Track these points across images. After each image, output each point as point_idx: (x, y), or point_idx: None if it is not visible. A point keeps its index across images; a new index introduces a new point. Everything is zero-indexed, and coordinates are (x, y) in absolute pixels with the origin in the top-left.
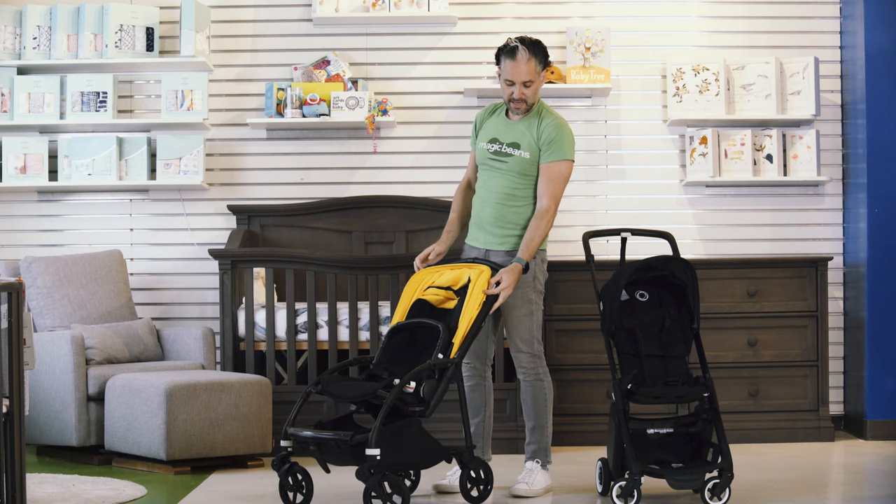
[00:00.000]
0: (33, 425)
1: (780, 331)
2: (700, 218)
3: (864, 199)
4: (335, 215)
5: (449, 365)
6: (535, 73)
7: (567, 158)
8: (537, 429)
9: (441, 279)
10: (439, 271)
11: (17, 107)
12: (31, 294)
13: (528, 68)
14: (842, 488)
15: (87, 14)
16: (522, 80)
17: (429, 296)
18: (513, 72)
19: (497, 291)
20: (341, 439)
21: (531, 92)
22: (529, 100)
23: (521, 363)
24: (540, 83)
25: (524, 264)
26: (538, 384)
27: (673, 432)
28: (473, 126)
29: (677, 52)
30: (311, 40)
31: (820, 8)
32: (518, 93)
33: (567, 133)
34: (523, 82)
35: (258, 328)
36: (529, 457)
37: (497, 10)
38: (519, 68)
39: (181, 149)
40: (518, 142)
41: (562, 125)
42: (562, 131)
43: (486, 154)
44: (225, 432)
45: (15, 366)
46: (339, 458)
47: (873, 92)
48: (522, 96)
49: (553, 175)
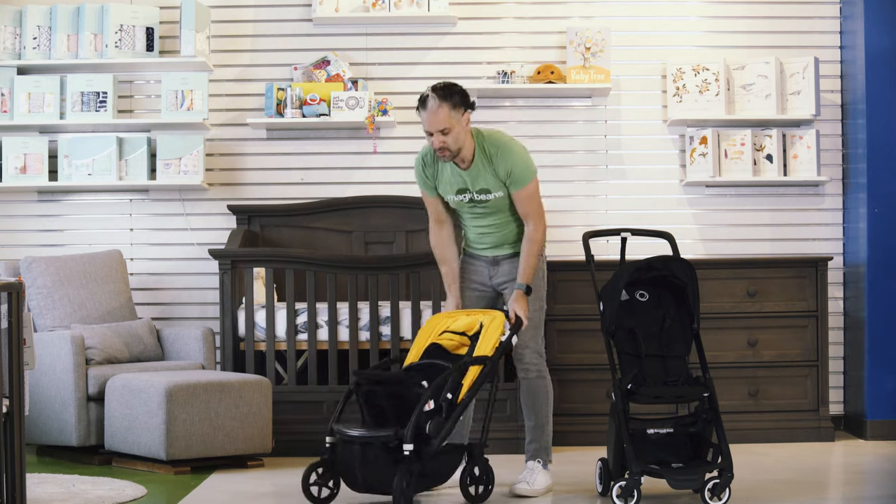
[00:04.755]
0: (33, 425)
1: (780, 331)
2: (700, 218)
3: (864, 199)
4: (335, 215)
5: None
6: (449, 118)
7: (532, 178)
8: (538, 428)
9: (456, 324)
10: (454, 316)
11: (17, 107)
12: (31, 294)
13: (440, 116)
14: (842, 488)
15: (87, 14)
16: (438, 128)
17: (443, 340)
18: (428, 122)
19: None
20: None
21: (451, 139)
22: (452, 146)
23: (526, 360)
24: (461, 128)
25: (525, 288)
26: (541, 382)
27: (673, 432)
28: (420, 177)
29: (677, 52)
30: (311, 40)
31: (820, 8)
32: (437, 142)
33: (518, 153)
34: (440, 130)
35: (258, 328)
36: (530, 456)
37: (497, 10)
38: (431, 118)
39: (181, 149)
40: (486, 187)
41: (510, 150)
42: (514, 156)
43: (463, 203)
44: (225, 432)
45: (15, 366)
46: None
47: (873, 92)
48: (442, 144)
49: (527, 197)
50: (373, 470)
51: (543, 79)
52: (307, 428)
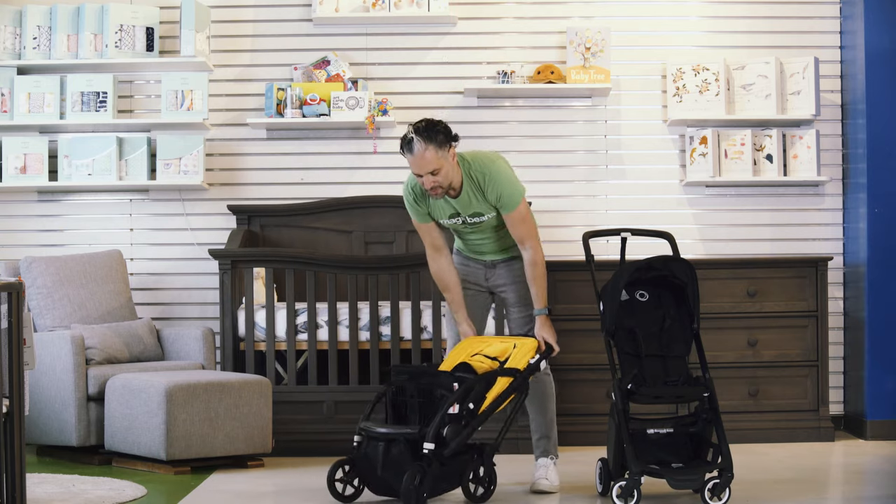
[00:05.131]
0: (33, 425)
1: (780, 331)
2: (700, 218)
3: (864, 199)
4: (335, 215)
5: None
6: (437, 159)
7: (521, 199)
8: (548, 424)
9: (490, 349)
10: (488, 342)
11: (17, 107)
12: (31, 294)
13: (427, 158)
14: (842, 488)
15: (87, 14)
16: (427, 170)
17: (475, 362)
18: (416, 165)
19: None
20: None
21: (442, 177)
22: (443, 184)
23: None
24: (449, 164)
25: (546, 311)
26: (547, 379)
27: (673, 432)
28: (412, 207)
29: (677, 52)
30: (311, 40)
31: (820, 8)
32: (428, 182)
33: (505, 176)
34: (430, 172)
35: (258, 328)
36: (542, 453)
37: (497, 10)
38: (419, 161)
39: (181, 149)
40: (478, 211)
41: (497, 174)
42: (501, 181)
43: (458, 225)
44: (225, 432)
45: (15, 366)
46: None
47: (873, 92)
48: (434, 184)
49: (519, 219)
50: (392, 468)
51: (543, 79)
52: (307, 428)
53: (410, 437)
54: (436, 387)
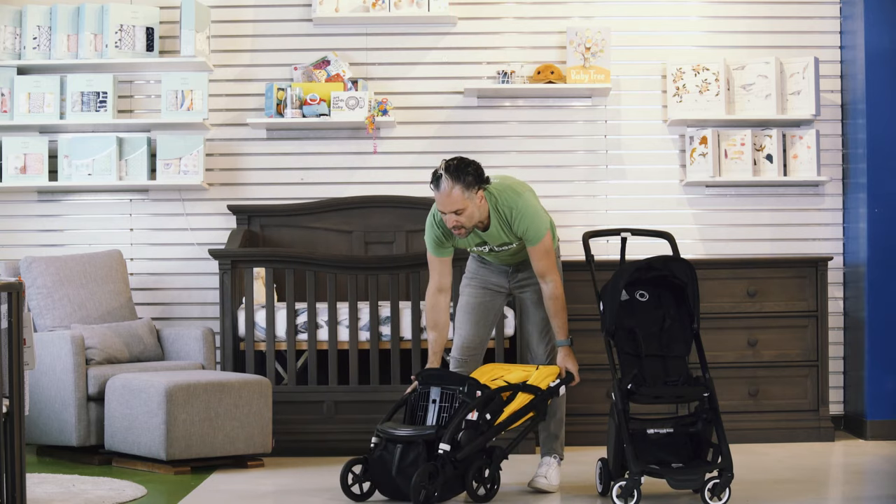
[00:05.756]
0: (33, 425)
1: (780, 331)
2: (700, 218)
3: (864, 199)
4: (335, 215)
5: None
6: (463, 200)
7: (546, 233)
8: (557, 422)
9: (511, 376)
10: (510, 369)
11: (17, 107)
12: (31, 294)
13: (454, 198)
14: (842, 488)
15: (87, 14)
16: (452, 209)
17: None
18: (441, 203)
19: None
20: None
21: (466, 218)
22: (467, 224)
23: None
24: (476, 205)
25: (568, 343)
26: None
27: (673, 432)
28: (437, 238)
29: (677, 52)
30: (311, 40)
31: (820, 8)
32: (451, 221)
33: (531, 210)
34: (454, 211)
35: (258, 328)
36: (547, 451)
37: (497, 10)
38: (445, 199)
39: (181, 149)
40: (505, 241)
41: (523, 208)
42: (528, 214)
43: (484, 252)
44: (225, 432)
45: (15, 366)
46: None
47: (873, 92)
48: (457, 223)
49: (543, 252)
50: (407, 471)
51: (543, 79)
52: (307, 428)
53: (428, 437)
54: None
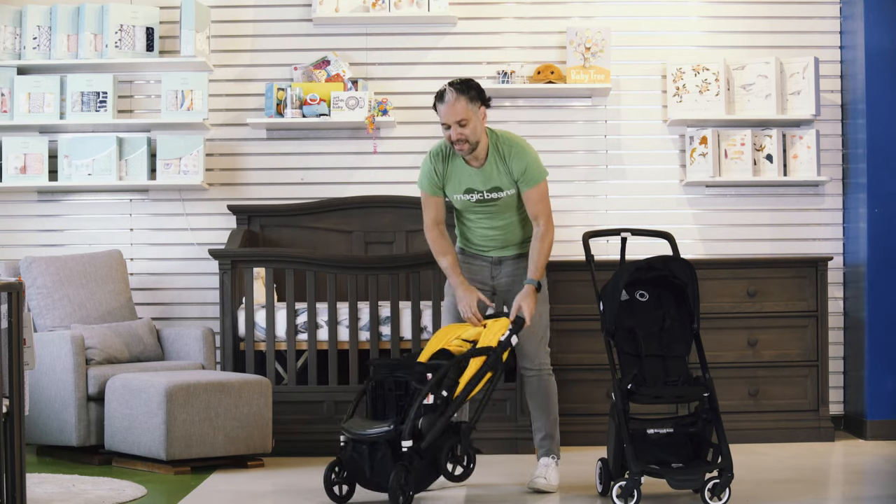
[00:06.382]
0: (33, 425)
1: (780, 331)
2: (700, 218)
3: (864, 199)
4: (335, 215)
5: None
6: (466, 110)
7: (544, 177)
8: (553, 424)
9: (468, 333)
10: (465, 327)
11: (17, 107)
12: (31, 294)
13: (458, 107)
14: (842, 488)
15: (87, 14)
16: (456, 119)
17: (453, 346)
18: (445, 114)
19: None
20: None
21: (469, 131)
22: (471, 139)
23: (541, 360)
24: (478, 121)
25: (537, 284)
26: (551, 380)
27: (673, 432)
28: (429, 173)
29: (677, 52)
30: (311, 40)
31: (820, 8)
32: (455, 133)
33: (531, 153)
34: (457, 122)
35: (258, 328)
36: (545, 453)
37: (497, 10)
38: (449, 110)
39: (181, 149)
40: (497, 185)
41: (524, 149)
42: (528, 156)
43: (470, 203)
44: (225, 432)
45: (15, 366)
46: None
47: (873, 92)
48: (461, 136)
49: (538, 197)
50: (380, 469)
51: (543, 79)
52: (307, 428)
53: (390, 437)
54: (410, 379)
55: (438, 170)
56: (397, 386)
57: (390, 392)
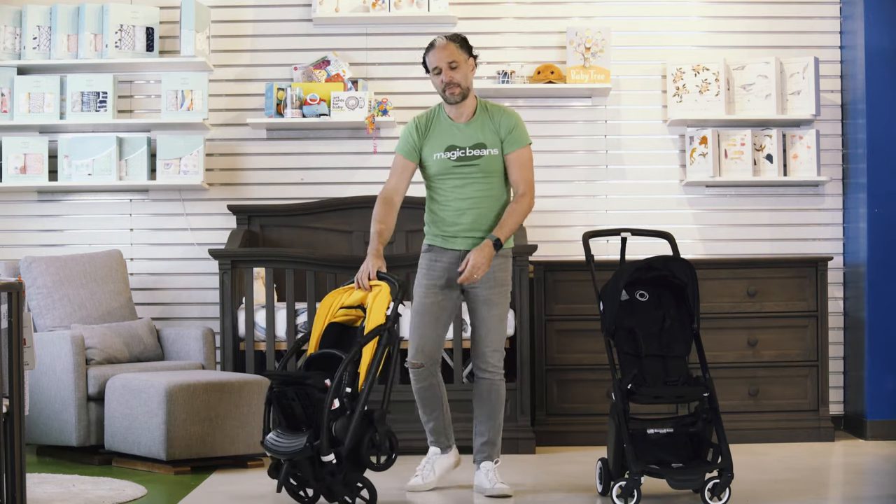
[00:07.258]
0: (33, 425)
1: (780, 331)
2: (700, 218)
3: (864, 199)
4: (335, 215)
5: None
6: (457, 54)
7: (528, 143)
8: (496, 428)
9: (350, 298)
10: (348, 291)
11: (17, 107)
12: (31, 294)
13: (448, 51)
14: (842, 488)
15: (87, 14)
16: (447, 61)
17: (340, 317)
18: (436, 58)
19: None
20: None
21: (460, 75)
22: (462, 83)
23: (490, 361)
24: (468, 69)
25: (495, 240)
26: (502, 384)
27: (673, 432)
28: (409, 133)
29: (677, 52)
30: (311, 40)
31: (820, 8)
32: (447, 76)
33: (520, 119)
34: (448, 63)
35: (258, 328)
36: (485, 458)
37: (497, 10)
38: (440, 53)
39: (181, 149)
40: (482, 142)
41: (514, 113)
42: (517, 119)
43: (449, 163)
44: (225, 432)
45: (15, 366)
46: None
47: (873, 92)
48: (451, 78)
49: (523, 162)
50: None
51: (543, 79)
52: None
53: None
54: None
55: (421, 127)
56: (299, 397)
57: (296, 402)
